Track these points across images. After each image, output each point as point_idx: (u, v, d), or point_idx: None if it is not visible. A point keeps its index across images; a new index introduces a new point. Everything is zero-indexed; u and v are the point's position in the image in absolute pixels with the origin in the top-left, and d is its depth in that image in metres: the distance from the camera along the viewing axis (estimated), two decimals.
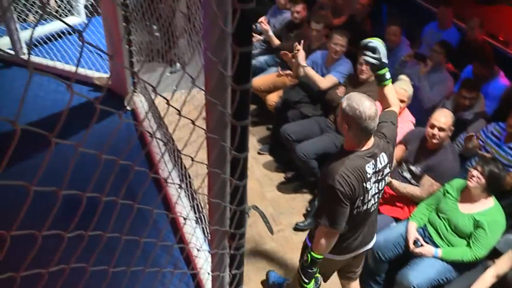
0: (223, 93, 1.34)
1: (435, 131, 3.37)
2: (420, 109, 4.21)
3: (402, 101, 3.77)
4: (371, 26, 5.49)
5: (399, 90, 3.77)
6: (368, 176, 2.34)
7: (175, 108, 1.16)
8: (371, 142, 2.35)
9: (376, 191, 2.47)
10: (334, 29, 4.76)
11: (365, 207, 2.45)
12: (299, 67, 4.47)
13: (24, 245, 0.97)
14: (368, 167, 2.33)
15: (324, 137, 4.31)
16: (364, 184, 2.34)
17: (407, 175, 3.62)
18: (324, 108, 4.57)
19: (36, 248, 0.98)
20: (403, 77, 3.97)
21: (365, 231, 2.64)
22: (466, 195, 3.19)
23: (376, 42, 2.51)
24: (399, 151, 3.77)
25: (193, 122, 1.25)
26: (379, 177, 2.43)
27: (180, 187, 2.86)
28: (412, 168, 3.58)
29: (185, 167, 3.38)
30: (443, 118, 3.37)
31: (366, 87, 4.05)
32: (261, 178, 4.63)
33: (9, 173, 0.85)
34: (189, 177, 3.34)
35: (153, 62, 5.16)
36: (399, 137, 3.78)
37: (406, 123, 3.86)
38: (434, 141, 3.40)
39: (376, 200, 2.53)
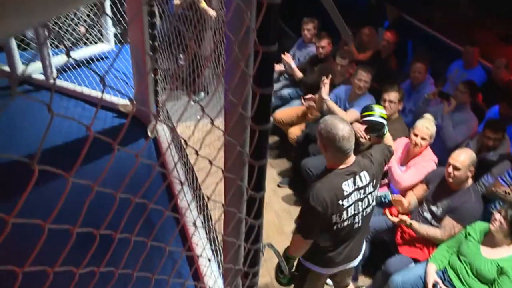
0: (242, 133, 1.35)
1: (450, 169, 3.32)
2: (443, 148, 4.16)
3: (423, 138, 3.74)
4: (396, 63, 5.49)
5: (421, 128, 3.75)
6: (345, 193, 2.44)
7: (194, 149, 1.17)
8: (351, 160, 2.48)
9: (359, 209, 2.55)
10: (358, 65, 4.78)
11: (346, 224, 2.53)
12: (322, 101, 4.48)
13: (34, 277, 0.97)
14: (346, 184, 2.44)
15: None
16: (340, 202, 2.43)
17: (427, 215, 3.55)
18: None
19: (48, 284, 0.98)
20: (427, 115, 3.93)
21: (350, 247, 2.72)
22: (489, 239, 3.10)
23: (376, 116, 2.79)
24: (420, 190, 3.72)
25: (210, 162, 1.25)
26: (361, 195, 2.52)
27: (195, 225, 2.86)
28: (433, 208, 3.52)
29: (203, 198, 3.38)
30: (461, 156, 3.31)
31: (389, 125, 4.03)
32: (280, 211, 4.60)
33: (26, 203, 0.86)
34: (207, 208, 3.34)
35: (177, 91, 5.24)
36: (421, 176, 3.74)
37: (428, 163, 3.81)
38: (450, 180, 3.34)
39: (361, 218, 2.59)
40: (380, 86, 4.60)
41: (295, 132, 4.97)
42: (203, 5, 5.06)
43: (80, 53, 5.71)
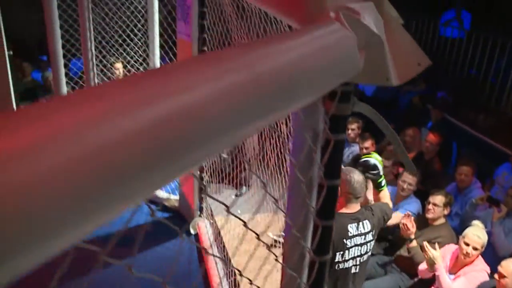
0: (301, 264, 1.33)
1: (496, 276, 3.27)
2: (495, 256, 3.98)
3: (475, 248, 3.60)
4: (440, 164, 5.42)
5: (472, 237, 3.61)
6: (350, 234, 2.70)
7: (248, 279, 1.15)
8: (356, 208, 2.78)
9: (359, 253, 2.76)
10: (403, 166, 4.75)
11: (346, 265, 2.74)
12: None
13: None
14: (351, 227, 2.71)
15: (387, 278, 4.13)
16: (344, 240, 2.68)
17: None
18: (390, 247, 4.42)
19: None
20: (477, 223, 3.80)
21: None
22: None
23: (373, 159, 3.06)
24: None
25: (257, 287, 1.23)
26: (362, 241, 2.75)
27: None
28: None
29: None
30: (510, 264, 3.27)
31: (431, 232, 3.97)
32: None
33: None
34: None
35: (220, 184, 5.28)
36: (472, 287, 3.56)
37: (480, 273, 3.63)
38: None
39: (358, 263, 2.79)
40: (424, 187, 4.53)
41: None
42: None
43: None
